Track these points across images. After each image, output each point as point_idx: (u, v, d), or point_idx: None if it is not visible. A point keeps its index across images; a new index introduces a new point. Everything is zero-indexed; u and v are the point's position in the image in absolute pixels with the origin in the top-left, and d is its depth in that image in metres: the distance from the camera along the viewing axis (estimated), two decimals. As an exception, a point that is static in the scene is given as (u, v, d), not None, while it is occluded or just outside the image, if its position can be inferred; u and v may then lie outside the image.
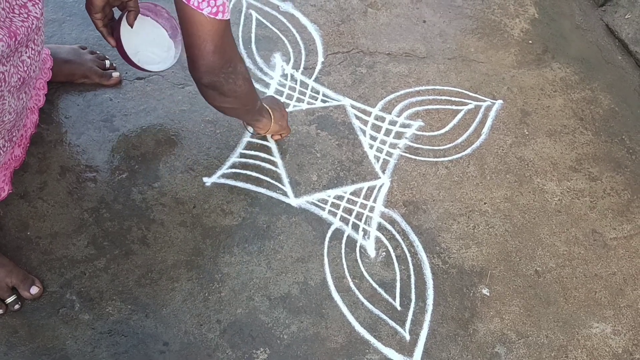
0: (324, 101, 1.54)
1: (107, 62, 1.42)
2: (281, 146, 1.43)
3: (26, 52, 1.02)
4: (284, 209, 1.35)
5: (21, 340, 1.10)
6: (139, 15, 1.21)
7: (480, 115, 1.60)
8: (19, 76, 1.00)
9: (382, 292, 1.28)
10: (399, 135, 1.52)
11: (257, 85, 1.51)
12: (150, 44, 1.28)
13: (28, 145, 1.25)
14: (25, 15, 0.99)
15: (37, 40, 1.05)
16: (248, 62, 1.56)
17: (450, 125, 1.57)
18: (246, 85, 1.11)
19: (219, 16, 0.95)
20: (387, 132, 1.52)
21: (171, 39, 1.30)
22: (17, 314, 1.12)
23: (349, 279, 1.28)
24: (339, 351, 1.20)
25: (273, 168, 1.40)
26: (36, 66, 1.08)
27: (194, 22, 0.96)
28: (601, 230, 1.46)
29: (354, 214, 1.37)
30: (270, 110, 1.28)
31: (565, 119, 1.65)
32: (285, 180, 1.39)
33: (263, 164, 1.40)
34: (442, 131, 1.55)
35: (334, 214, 1.36)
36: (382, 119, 1.54)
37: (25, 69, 1.02)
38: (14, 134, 1.10)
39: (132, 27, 1.19)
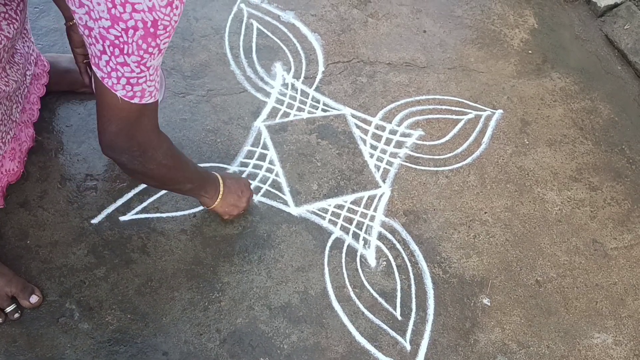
0: (324, 110, 1.54)
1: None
2: (282, 155, 1.43)
3: None
4: (284, 218, 1.35)
5: (20, 349, 1.09)
6: None
7: (480, 125, 1.60)
8: None
9: (383, 302, 1.28)
10: (399, 145, 1.52)
11: (257, 95, 1.52)
12: None
13: (25, 159, 1.24)
14: None
15: (5, 57, 1.03)
16: (249, 72, 1.56)
17: (451, 134, 1.57)
18: (162, 170, 1.02)
19: (135, 100, 0.89)
20: (388, 142, 1.52)
21: None
22: (16, 323, 1.12)
23: (350, 289, 1.28)
24: (340, 361, 1.19)
25: (273, 177, 1.40)
26: (14, 81, 1.07)
27: (103, 99, 0.89)
28: (602, 240, 1.46)
29: (354, 223, 1.37)
30: (222, 191, 1.21)
31: (565, 128, 1.65)
32: (286, 189, 1.39)
33: (264, 172, 1.40)
34: (443, 140, 1.56)
35: (335, 223, 1.36)
36: (383, 128, 1.54)
37: None
38: None
39: None
